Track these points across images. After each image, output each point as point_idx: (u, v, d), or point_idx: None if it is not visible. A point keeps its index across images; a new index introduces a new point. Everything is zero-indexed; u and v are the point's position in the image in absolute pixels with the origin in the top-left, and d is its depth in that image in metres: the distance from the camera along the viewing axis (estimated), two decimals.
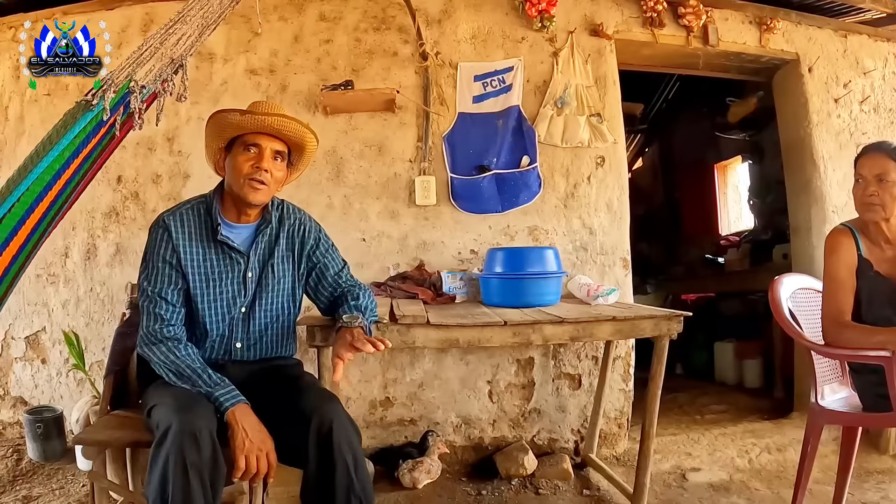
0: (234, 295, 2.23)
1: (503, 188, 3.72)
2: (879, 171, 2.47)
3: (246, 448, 1.88)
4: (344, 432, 1.90)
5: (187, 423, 1.78)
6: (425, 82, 3.76)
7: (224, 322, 2.22)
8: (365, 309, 2.28)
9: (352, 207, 3.72)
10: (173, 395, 1.96)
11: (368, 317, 2.27)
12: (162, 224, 2.20)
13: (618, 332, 2.79)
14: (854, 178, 2.58)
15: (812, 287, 2.94)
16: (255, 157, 2.16)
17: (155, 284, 2.15)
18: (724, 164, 7.24)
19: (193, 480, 1.72)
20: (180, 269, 2.17)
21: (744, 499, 3.16)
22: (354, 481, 1.87)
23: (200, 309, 2.19)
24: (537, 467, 3.42)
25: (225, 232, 2.21)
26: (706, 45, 4.06)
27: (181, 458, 1.72)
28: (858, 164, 2.55)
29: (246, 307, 2.25)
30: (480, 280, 3.30)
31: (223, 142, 2.22)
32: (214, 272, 2.21)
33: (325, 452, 1.87)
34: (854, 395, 2.69)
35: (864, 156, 2.54)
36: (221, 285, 2.21)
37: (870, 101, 4.43)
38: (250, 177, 2.14)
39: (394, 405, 3.66)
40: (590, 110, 3.79)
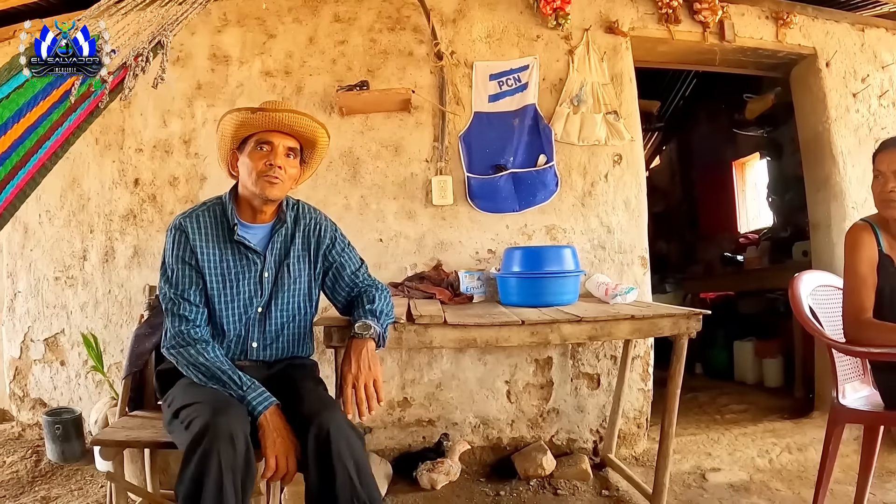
0: (251, 295, 2.22)
1: (520, 187, 3.68)
2: None
3: (277, 449, 1.90)
4: (343, 438, 1.87)
5: (225, 424, 1.78)
6: (440, 82, 3.73)
7: (241, 322, 2.22)
8: (380, 313, 2.25)
9: (369, 208, 3.69)
10: (206, 396, 1.96)
11: (383, 321, 2.25)
12: (179, 226, 2.20)
13: (636, 331, 2.74)
14: (873, 174, 2.53)
15: (832, 284, 2.90)
16: (268, 154, 2.16)
17: (177, 287, 2.16)
18: (742, 161, 7.16)
19: (227, 482, 1.72)
20: (199, 270, 2.17)
21: (764, 499, 3.12)
22: (357, 487, 1.85)
23: (217, 309, 2.19)
24: (556, 468, 3.39)
25: (241, 232, 2.21)
26: (722, 40, 4.01)
27: (217, 458, 1.72)
28: (877, 160, 2.51)
29: (262, 307, 2.24)
30: (498, 280, 3.27)
31: (236, 143, 2.22)
32: (231, 273, 2.20)
33: (325, 459, 1.86)
34: (876, 394, 2.64)
35: (883, 151, 2.50)
36: (239, 286, 2.21)
37: (888, 95, 4.36)
38: (264, 174, 2.14)
39: (412, 406, 3.63)
40: (606, 108, 3.75)
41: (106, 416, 3.22)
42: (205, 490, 1.69)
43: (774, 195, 6.15)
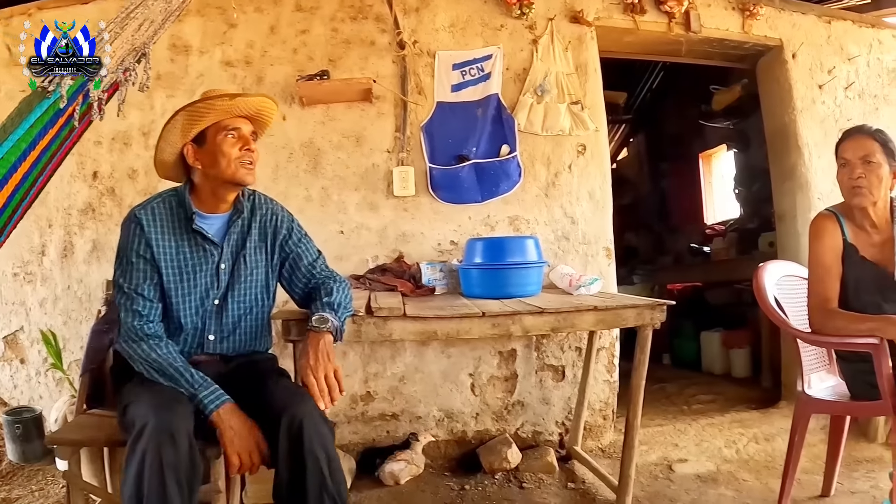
0: (208, 287, 2.16)
1: (483, 178, 3.59)
2: (864, 153, 2.40)
3: (237, 446, 1.86)
4: (315, 430, 1.83)
5: (165, 422, 1.72)
6: (403, 71, 3.63)
7: (197, 315, 2.16)
8: (338, 306, 2.19)
9: (330, 199, 3.58)
10: (150, 393, 1.89)
11: (341, 314, 2.18)
12: (134, 219, 2.13)
13: (600, 322, 2.71)
14: (838, 163, 2.50)
15: (797, 274, 2.88)
16: (240, 140, 2.12)
17: (131, 280, 2.08)
18: (709, 152, 7.16)
19: (169, 480, 1.66)
20: (154, 263, 2.10)
21: (732, 490, 3.08)
22: (328, 480, 1.81)
23: (174, 302, 2.12)
24: (521, 461, 3.33)
25: (199, 222, 2.14)
26: (688, 31, 3.94)
27: (157, 457, 1.66)
28: (841, 148, 2.48)
29: (219, 299, 2.18)
30: (460, 271, 3.19)
31: (194, 135, 2.12)
32: (188, 265, 2.14)
33: (296, 451, 1.81)
34: (842, 384, 2.64)
35: (848, 139, 2.47)
36: (196, 278, 2.15)
37: (854, 87, 4.36)
38: (241, 160, 2.10)
39: (375, 400, 3.53)
40: (570, 98, 3.67)
41: (65, 415, 3.13)
42: (147, 489, 1.64)
43: (741, 186, 6.14)
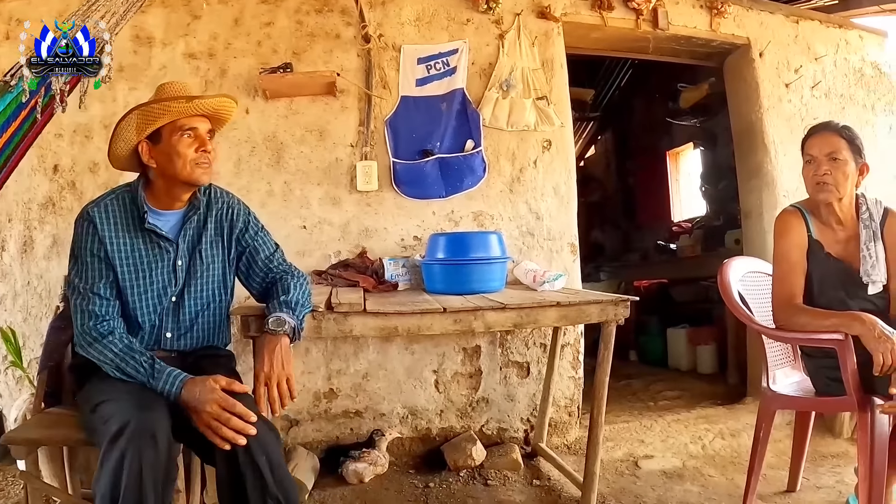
0: (165, 284, 2.11)
1: (447, 173, 3.53)
2: (830, 150, 2.39)
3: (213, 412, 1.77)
4: (256, 439, 1.77)
5: (146, 421, 1.67)
6: (368, 65, 3.56)
7: (154, 312, 2.10)
8: (295, 304, 2.13)
9: (292, 194, 3.51)
10: (128, 391, 1.83)
11: (299, 312, 2.13)
12: (86, 217, 2.07)
13: (563, 317, 2.65)
14: (804, 159, 2.48)
15: (762, 270, 2.86)
16: (196, 140, 2.07)
17: (86, 280, 2.02)
18: (676, 150, 7.17)
19: (147, 482, 1.61)
20: (109, 262, 2.04)
21: (697, 485, 3.07)
22: (270, 484, 1.75)
23: (131, 301, 2.06)
24: (486, 458, 3.28)
25: (152, 220, 2.09)
26: (656, 28, 3.92)
27: (137, 458, 1.61)
28: (807, 144, 2.47)
29: (176, 296, 2.13)
30: (423, 267, 3.13)
31: (148, 133, 2.06)
32: (143, 262, 2.08)
33: (234, 455, 1.76)
34: (807, 380, 2.63)
35: (814, 136, 2.46)
36: (151, 275, 2.09)
37: (821, 86, 4.38)
38: (197, 161, 2.05)
39: (338, 397, 3.46)
40: (536, 93, 3.63)
41: (25, 414, 3.03)
42: (123, 490, 1.59)
43: (707, 184, 6.14)
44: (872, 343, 2.10)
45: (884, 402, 2.07)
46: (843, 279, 2.44)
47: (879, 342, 2.09)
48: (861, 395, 2.19)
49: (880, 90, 4.68)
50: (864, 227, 2.45)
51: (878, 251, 2.42)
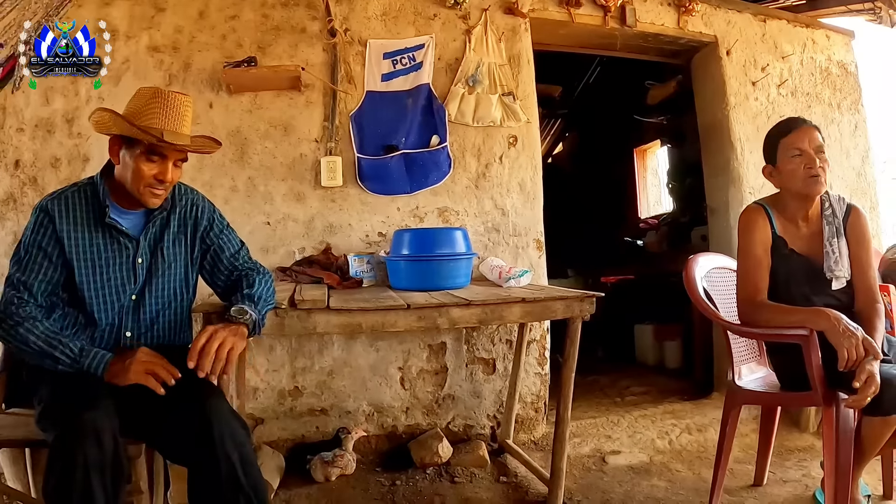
0: (123, 282, 2.02)
1: (412, 168, 3.44)
2: (818, 144, 2.39)
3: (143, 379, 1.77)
4: (227, 429, 1.75)
5: (89, 421, 1.62)
6: (333, 60, 3.46)
7: (113, 310, 2.01)
8: (258, 299, 2.07)
9: (256, 190, 3.40)
10: (71, 391, 1.78)
11: (262, 307, 2.06)
12: (44, 209, 1.97)
13: (528, 314, 2.62)
14: (787, 153, 2.42)
15: (727, 266, 2.85)
16: (159, 167, 1.96)
17: (23, 272, 1.93)
18: (644, 147, 7.14)
19: (95, 482, 1.57)
20: (62, 256, 1.95)
21: (664, 480, 3.05)
22: (241, 479, 1.72)
23: (87, 297, 1.97)
24: (453, 455, 3.21)
25: (113, 215, 2.00)
26: (623, 25, 3.87)
27: (83, 458, 1.57)
28: (794, 138, 2.41)
29: (136, 294, 2.04)
30: (387, 263, 3.06)
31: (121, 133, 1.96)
32: (101, 258, 1.99)
33: (208, 451, 1.71)
34: (772, 374, 2.63)
35: (799, 130, 2.42)
36: (109, 271, 2.00)
37: (787, 84, 4.37)
38: (151, 187, 1.96)
39: (303, 395, 3.36)
40: (502, 89, 3.56)
41: None
42: (72, 492, 1.55)
43: (674, 181, 6.09)
44: (837, 338, 2.10)
45: (848, 397, 2.05)
46: (807, 275, 2.42)
47: (844, 338, 2.08)
48: (826, 389, 2.17)
49: (846, 89, 4.67)
50: (827, 223, 2.45)
51: (842, 247, 2.42)
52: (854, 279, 2.42)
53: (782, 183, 2.47)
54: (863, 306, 2.37)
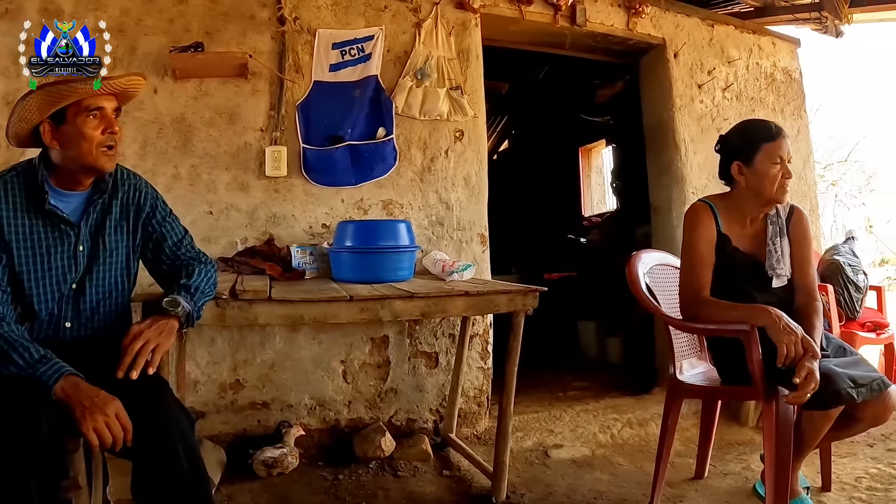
0: (65, 270, 1.92)
1: (357, 160, 3.37)
2: (790, 157, 2.38)
3: (90, 419, 1.60)
4: (173, 420, 1.71)
5: (23, 411, 1.57)
6: (281, 48, 3.35)
7: (53, 300, 1.91)
8: (195, 290, 2.00)
9: (200, 178, 3.27)
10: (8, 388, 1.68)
11: (198, 299, 2.00)
12: None
13: (471, 307, 2.63)
14: (769, 159, 2.37)
15: (670, 263, 2.86)
16: (103, 121, 1.89)
17: None
18: (589, 146, 7.17)
19: (31, 480, 1.52)
20: (3, 244, 1.84)
21: (607, 473, 3.06)
22: (187, 471, 1.67)
23: (27, 287, 1.87)
24: (396, 449, 3.17)
25: (53, 201, 1.90)
26: (573, 24, 3.85)
27: (15, 451, 1.52)
28: (777, 146, 2.37)
29: (76, 283, 1.94)
30: (330, 255, 3.01)
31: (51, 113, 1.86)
32: (42, 246, 1.89)
33: (153, 443, 1.66)
34: (712, 369, 2.64)
35: (780, 139, 2.39)
36: (50, 260, 1.90)
37: (732, 88, 4.43)
38: (104, 144, 1.88)
39: (245, 388, 3.25)
40: (450, 83, 3.51)
41: None
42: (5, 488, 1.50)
43: (618, 180, 6.12)
44: (778, 335, 2.11)
45: (788, 393, 2.07)
46: (750, 273, 2.43)
47: (784, 334, 2.10)
48: (766, 385, 2.18)
49: (790, 95, 4.75)
50: (771, 223, 2.46)
51: (784, 246, 2.44)
52: (794, 278, 2.44)
53: (751, 184, 2.43)
54: (802, 304, 2.38)
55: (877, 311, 4.48)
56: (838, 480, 2.81)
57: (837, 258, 4.15)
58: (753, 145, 2.42)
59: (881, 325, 4.24)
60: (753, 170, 2.41)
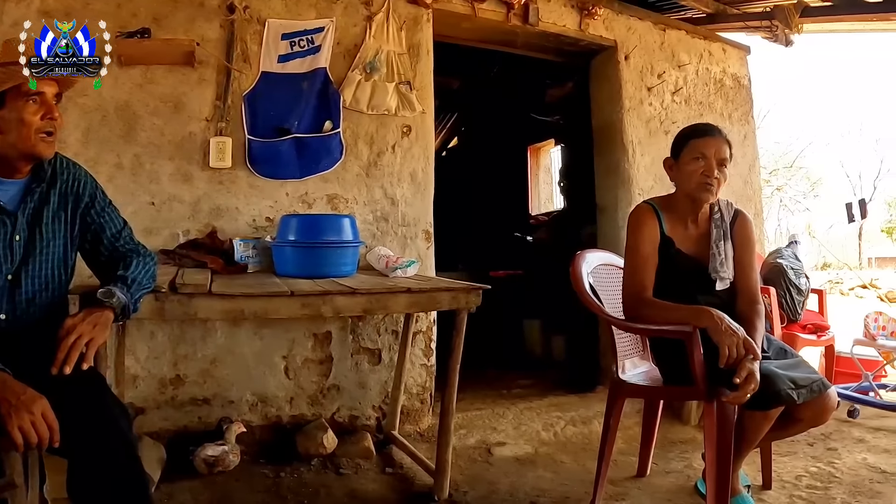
0: (0, 262, 1.84)
1: (303, 153, 3.32)
2: (722, 156, 2.40)
3: (15, 418, 1.54)
4: (109, 416, 1.66)
5: None
6: (230, 37, 3.27)
7: None
8: (132, 282, 1.93)
9: (143, 168, 3.18)
10: None
11: (135, 291, 1.93)
12: None
13: (414, 304, 2.64)
14: (689, 154, 2.42)
15: (614, 263, 2.87)
16: (42, 106, 1.85)
17: None
18: (539, 145, 7.18)
19: None
20: None
21: (550, 471, 3.07)
22: (124, 469, 1.63)
23: None
24: (338, 446, 3.14)
25: None
26: (525, 23, 3.86)
27: None
28: (701, 143, 2.41)
29: (11, 275, 1.86)
30: (273, 249, 2.95)
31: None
32: None
33: (88, 440, 1.61)
34: (655, 369, 2.66)
35: (708, 136, 2.42)
36: None
37: (682, 92, 4.48)
38: (43, 130, 1.84)
39: (186, 383, 3.18)
40: (400, 78, 3.49)
41: None
42: None
43: (566, 180, 6.15)
44: (719, 336, 2.13)
45: (729, 393, 2.09)
46: (693, 275, 2.45)
47: (726, 336, 2.12)
48: (708, 385, 2.20)
49: (738, 101, 4.83)
50: (715, 226, 2.49)
51: (727, 250, 2.46)
52: (737, 281, 2.47)
53: (677, 179, 2.49)
54: (744, 307, 2.41)
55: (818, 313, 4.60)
56: (779, 479, 2.86)
57: (780, 261, 4.25)
58: (682, 141, 2.47)
59: (822, 327, 4.36)
60: (679, 165, 2.47)
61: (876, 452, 3.27)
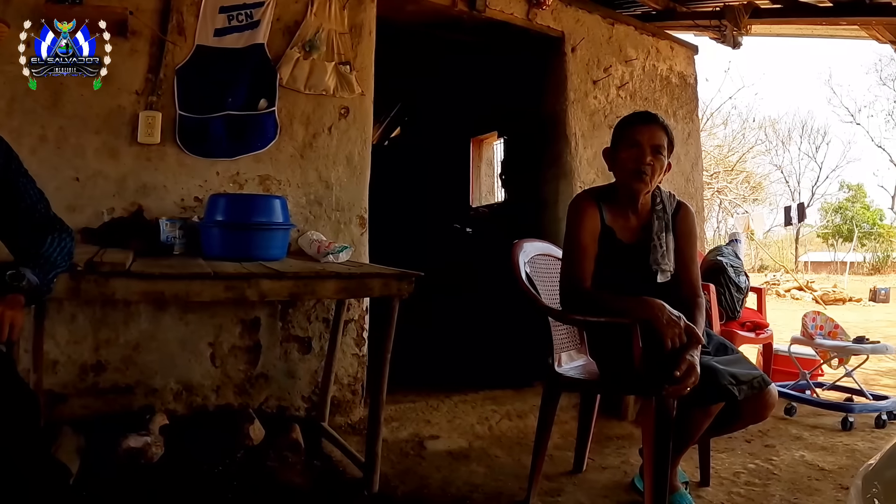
0: None
1: (235, 131, 3.23)
2: (657, 143, 2.39)
3: None
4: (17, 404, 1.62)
5: None
6: (166, 7, 3.17)
7: None
8: (44, 261, 1.86)
9: (67, 142, 3.05)
10: None
11: (49, 269, 1.85)
12: None
13: (344, 290, 2.57)
14: (625, 142, 2.43)
15: (552, 254, 2.87)
16: None
17: None
18: (482, 137, 7.16)
19: None
20: None
21: (483, 466, 3.06)
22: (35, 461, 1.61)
23: None
24: (265, 437, 3.05)
25: None
26: (472, 10, 3.84)
27: None
28: (636, 130, 2.41)
29: None
30: (200, 229, 2.88)
31: None
32: None
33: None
34: (592, 363, 2.67)
35: (644, 124, 2.42)
36: None
37: (627, 87, 4.53)
38: None
39: (108, 370, 3.07)
40: (339, 58, 3.42)
41: None
42: None
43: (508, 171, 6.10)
44: (661, 327, 2.14)
45: (669, 386, 2.08)
46: (633, 266, 2.45)
47: (668, 327, 2.14)
48: (647, 378, 2.20)
49: (683, 99, 4.91)
50: (657, 217, 2.49)
51: (669, 241, 2.47)
52: (678, 273, 2.48)
53: (613, 168, 2.49)
54: (685, 299, 2.42)
55: (756, 311, 4.72)
56: (717, 475, 2.90)
57: (720, 259, 4.33)
58: (619, 130, 2.49)
59: (760, 325, 4.47)
60: (615, 153, 2.47)
61: (813, 450, 3.36)
